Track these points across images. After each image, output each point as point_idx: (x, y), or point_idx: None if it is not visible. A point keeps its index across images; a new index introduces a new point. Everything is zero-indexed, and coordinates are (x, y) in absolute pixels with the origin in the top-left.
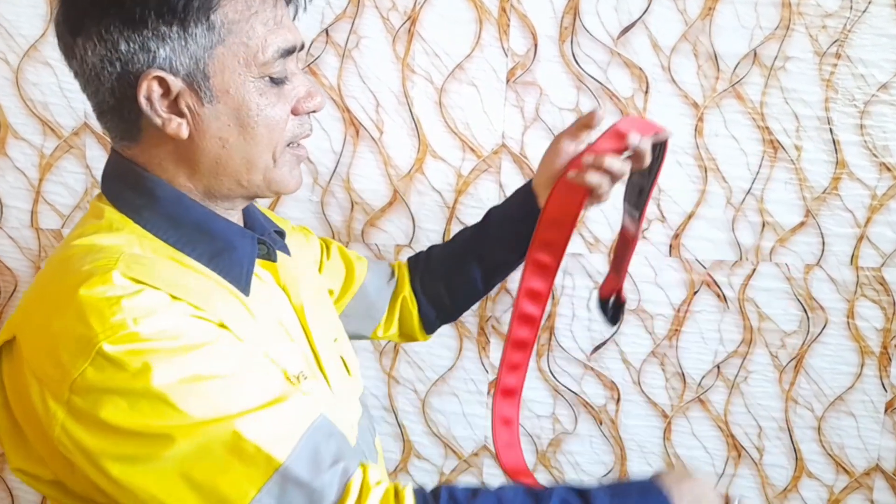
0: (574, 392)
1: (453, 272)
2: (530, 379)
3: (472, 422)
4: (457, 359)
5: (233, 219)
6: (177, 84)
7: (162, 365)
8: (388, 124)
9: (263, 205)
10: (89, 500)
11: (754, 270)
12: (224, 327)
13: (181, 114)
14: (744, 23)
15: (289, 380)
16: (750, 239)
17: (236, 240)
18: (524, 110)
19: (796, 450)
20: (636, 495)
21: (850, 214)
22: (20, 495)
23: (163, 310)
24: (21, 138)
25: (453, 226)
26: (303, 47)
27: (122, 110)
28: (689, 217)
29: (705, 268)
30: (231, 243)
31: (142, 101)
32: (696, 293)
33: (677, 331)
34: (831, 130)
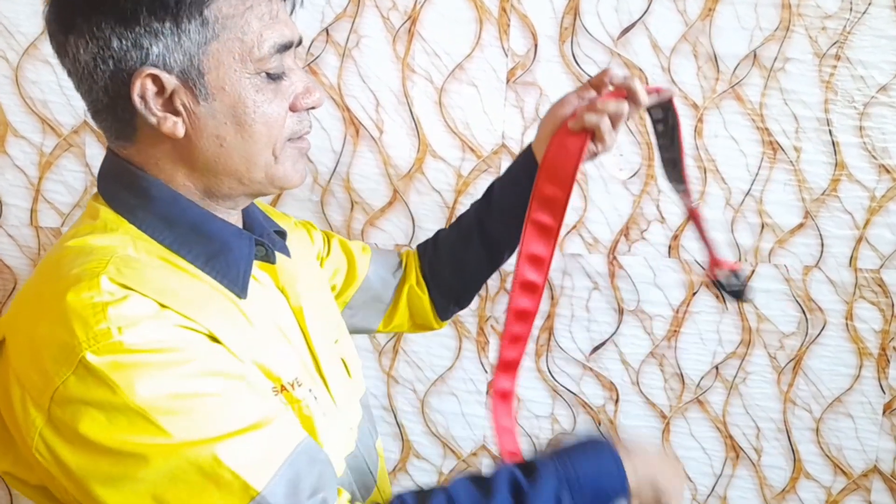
0: (573, 392)
1: (458, 252)
2: (529, 379)
3: (471, 422)
4: (456, 359)
5: (232, 219)
6: (171, 81)
7: (144, 380)
8: (388, 124)
9: (265, 200)
10: None
11: (753, 271)
12: (214, 338)
13: (176, 112)
14: (744, 24)
15: (283, 388)
16: (749, 240)
17: (233, 241)
18: (524, 110)
19: (794, 451)
20: (587, 464)
21: (849, 216)
22: (19, 494)
23: (149, 319)
24: (21, 136)
25: None
26: (300, 43)
27: (116, 109)
28: (689, 218)
29: (704, 269)
30: (227, 245)
31: (136, 99)
32: (694, 294)
33: (676, 331)
34: (831, 132)
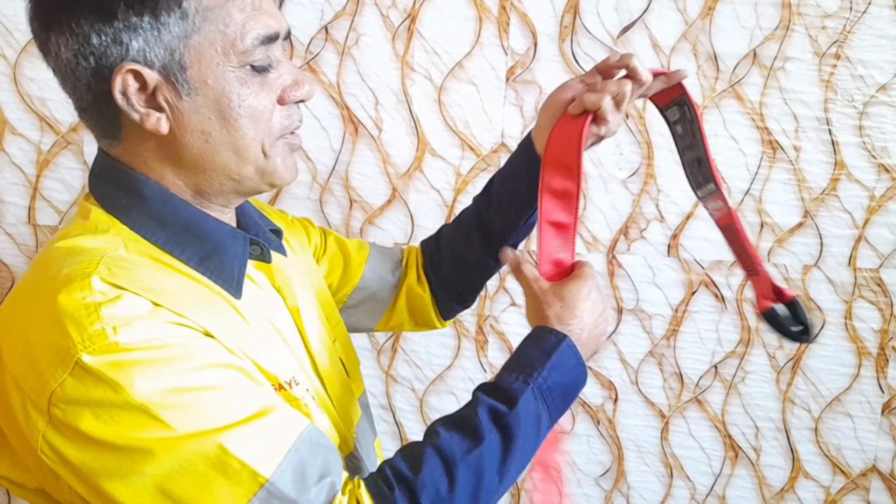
0: None
1: (459, 248)
2: None
3: None
4: (455, 358)
5: (225, 218)
6: (153, 77)
7: (143, 377)
8: (387, 122)
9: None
10: None
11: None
12: (209, 335)
13: (160, 108)
14: (743, 23)
15: (280, 387)
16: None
17: (227, 240)
18: (523, 109)
19: (793, 450)
20: (555, 373)
21: (848, 215)
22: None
23: (143, 318)
24: (18, 134)
25: None
26: (289, 34)
27: (100, 107)
28: (688, 217)
29: (703, 268)
30: (222, 244)
31: (117, 95)
32: (694, 293)
33: (675, 331)
34: (830, 131)
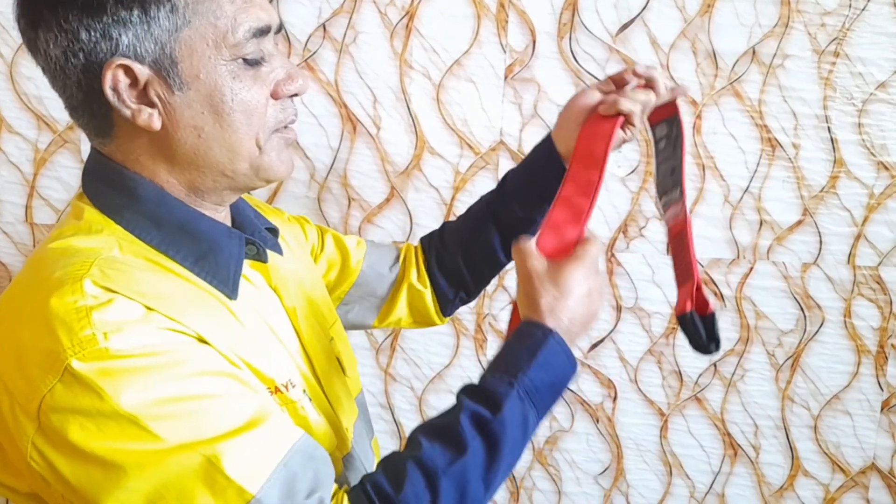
0: (571, 390)
1: (470, 241)
2: None
3: None
4: (454, 356)
5: (220, 216)
6: (143, 72)
7: (133, 385)
8: (385, 120)
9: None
10: None
11: (752, 269)
12: (203, 340)
13: (151, 104)
14: (742, 20)
15: (276, 390)
16: (747, 237)
17: (223, 240)
18: (522, 107)
19: (792, 448)
20: (541, 372)
21: (847, 213)
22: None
23: (135, 323)
24: (15, 132)
25: None
26: (280, 28)
27: (91, 104)
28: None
29: (703, 266)
30: (217, 244)
31: (108, 92)
32: None
33: (674, 329)
34: (829, 129)
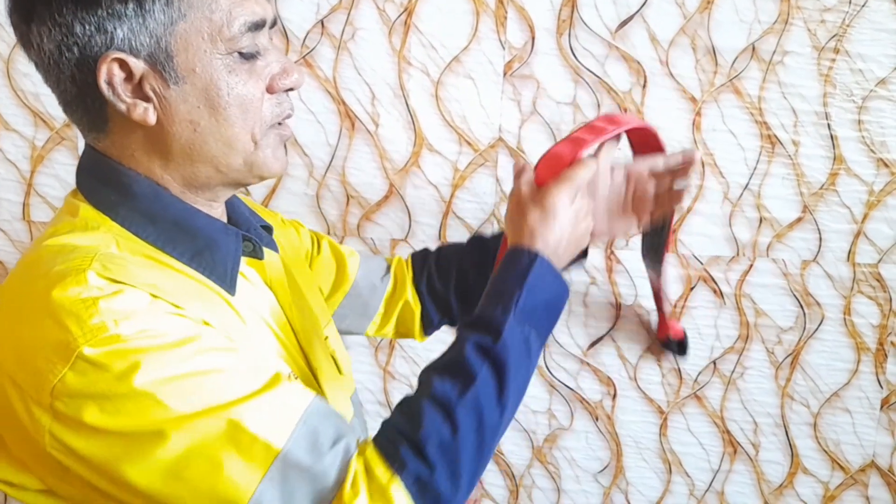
0: (570, 388)
1: (465, 278)
2: None
3: None
4: None
5: (215, 213)
6: (139, 66)
7: (146, 364)
8: (384, 117)
9: (258, 199)
10: None
11: (751, 266)
12: (208, 325)
13: (147, 98)
14: (742, 17)
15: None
16: (747, 234)
17: (219, 237)
18: (521, 104)
19: (792, 446)
20: (535, 295)
21: (847, 210)
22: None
23: (143, 310)
24: (12, 130)
25: (449, 220)
26: (276, 22)
27: (85, 99)
28: (687, 212)
29: (702, 263)
30: (214, 241)
31: (103, 86)
32: (692, 289)
33: None
34: (829, 126)
